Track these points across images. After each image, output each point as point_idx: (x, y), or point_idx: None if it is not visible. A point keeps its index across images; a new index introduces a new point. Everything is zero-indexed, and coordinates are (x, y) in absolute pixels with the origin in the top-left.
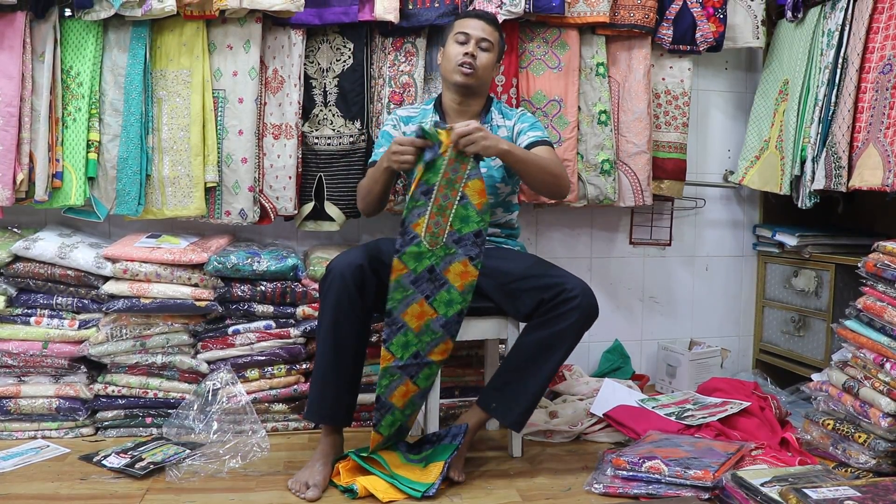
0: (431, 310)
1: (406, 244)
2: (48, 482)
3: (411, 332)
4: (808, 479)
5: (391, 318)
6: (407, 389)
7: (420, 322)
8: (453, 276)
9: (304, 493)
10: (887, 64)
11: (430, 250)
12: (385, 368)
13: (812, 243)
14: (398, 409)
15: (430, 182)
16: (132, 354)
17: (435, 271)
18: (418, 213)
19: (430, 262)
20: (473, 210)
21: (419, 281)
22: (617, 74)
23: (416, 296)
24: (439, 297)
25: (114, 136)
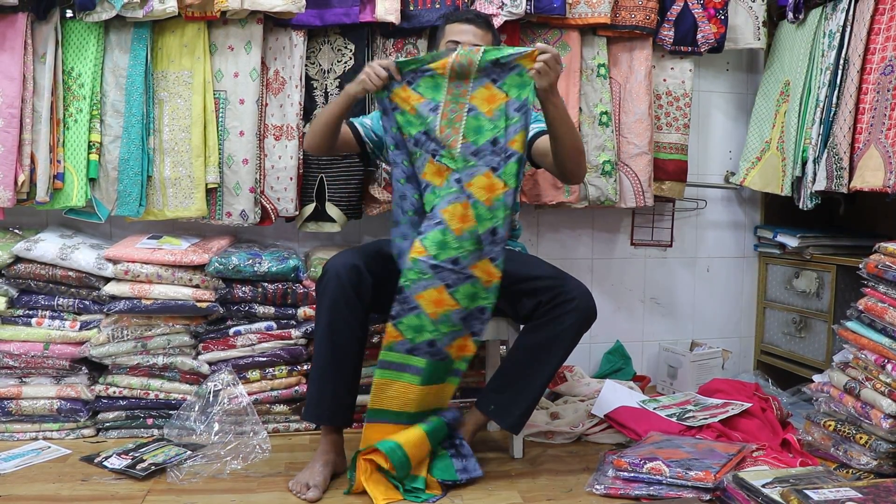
0: (452, 300)
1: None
2: (49, 483)
3: (426, 316)
4: (809, 480)
5: (402, 297)
6: (441, 299)
7: (437, 310)
8: (479, 271)
9: (304, 493)
10: (888, 65)
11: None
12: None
13: (813, 244)
14: (427, 315)
15: (436, 99)
16: (133, 355)
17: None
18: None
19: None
20: (485, 119)
21: (439, 268)
22: (618, 75)
23: (434, 282)
24: (462, 290)
25: (115, 138)
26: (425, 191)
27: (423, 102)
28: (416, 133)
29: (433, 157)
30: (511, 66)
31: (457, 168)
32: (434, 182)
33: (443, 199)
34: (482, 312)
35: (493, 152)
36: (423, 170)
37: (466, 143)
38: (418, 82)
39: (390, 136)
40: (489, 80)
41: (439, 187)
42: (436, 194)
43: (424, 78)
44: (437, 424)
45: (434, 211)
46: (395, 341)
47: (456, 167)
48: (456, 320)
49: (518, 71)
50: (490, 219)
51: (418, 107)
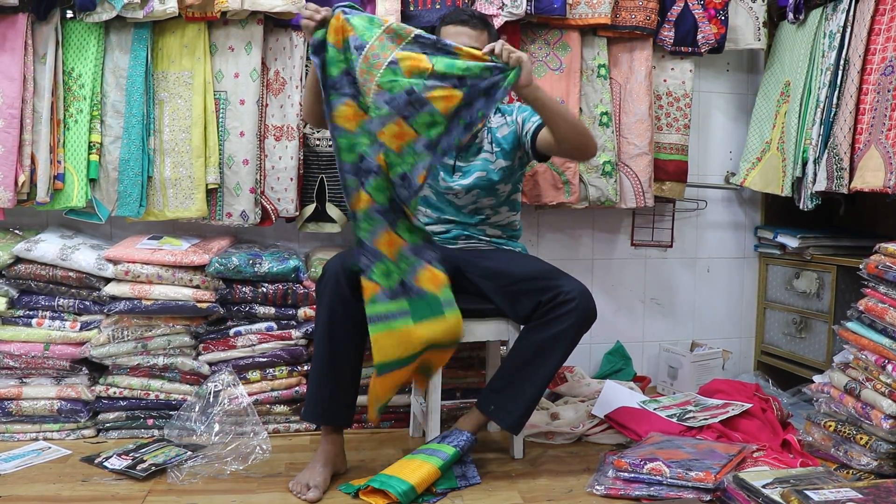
0: (399, 238)
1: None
2: (50, 484)
3: (388, 259)
4: (809, 480)
5: (364, 249)
6: (391, 239)
7: (392, 250)
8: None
9: (304, 494)
10: (889, 65)
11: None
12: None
13: (813, 245)
14: (388, 257)
15: (365, 39)
16: (133, 356)
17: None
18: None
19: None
20: (402, 76)
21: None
22: (618, 76)
23: (383, 224)
24: (400, 224)
25: (115, 138)
26: (338, 134)
27: (352, 36)
28: (336, 74)
29: (353, 99)
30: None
31: (370, 117)
32: (347, 126)
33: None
34: (424, 247)
35: (408, 103)
36: (336, 111)
37: (381, 91)
38: (353, 15)
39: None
40: (421, 52)
41: (352, 132)
42: (349, 139)
43: (361, 16)
44: (453, 457)
45: (369, 160)
46: (374, 293)
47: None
48: (409, 254)
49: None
50: (399, 164)
51: (348, 38)
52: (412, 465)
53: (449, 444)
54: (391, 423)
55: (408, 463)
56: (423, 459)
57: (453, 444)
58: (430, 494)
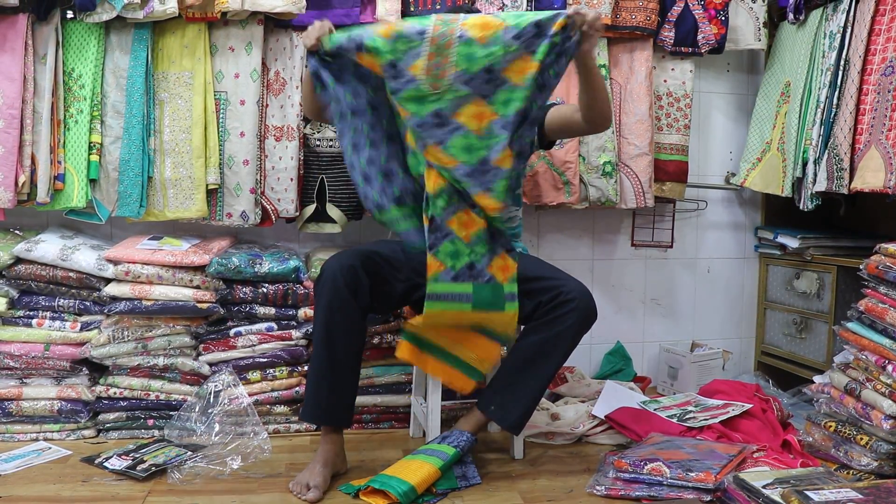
0: (479, 218)
1: (401, 87)
2: (50, 484)
3: (460, 240)
4: (809, 481)
5: (434, 225)
6: (470, 219)
7: (469, 231)
8: (462, 224)
9: (304, 494)
10: (889, 66)
11: (433, 92)
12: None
13: (814, 245)
14: (460, 238)
15: (423, 23)
16: (134, 356)
17: (441, 115)
18: (414, 55)
19: (435, 105)
20: (478, 46)
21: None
22: (619, 76)
23: (461, 204)
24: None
25: (115, 138)
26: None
27: (408, 26)
28: (384, 62)
29: (394, 93)
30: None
31: (440, 101)
32: (412, 110)
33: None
34: (501, 232)
35: (486, 81)
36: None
37: (458, 71)
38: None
39: (343, 104)
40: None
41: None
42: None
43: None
44: (453, 457)
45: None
46: (438, 272)
47: (439, 102)
48: (486, 238)
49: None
50: (481, 148)
51: (403, 30)
52: (412, 465)
53: (449, 444)
54: (391, 424)
55: (408, 463)
56: (424, 460)
57: (454, 445)
58: (430, 495)
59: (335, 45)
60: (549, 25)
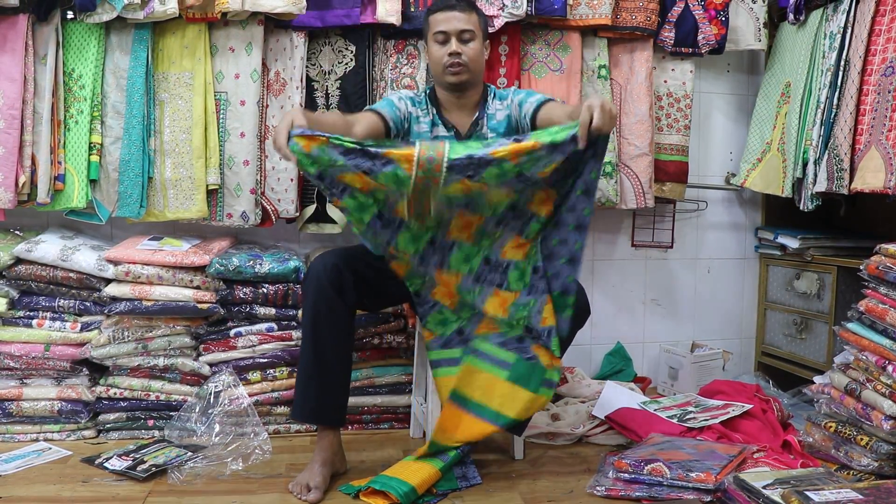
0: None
1: (395, 234)
2: (50, 484)
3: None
4: (810, 481)
5: (419, 299)
6: (447, 279)
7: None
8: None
9: (305, 495)
10: (889, 66)
11: (422, 227)
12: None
13: (814, 246)
14: (446, 305)
15: (403, 189)
16: (134, 357)
17: (436, 241)
18: (395, 200)
19: (429, 235)
20: (468, 246)
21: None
22: (619, 77)
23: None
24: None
25: (116, 139)
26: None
27: (386, 189)
28: (368, 220)
29: (388, 244)
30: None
31: (430, 232)
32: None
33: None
34: (485, 269)
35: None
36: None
37: (438, 204)
38: (377, 174)
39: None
40: (463, 177)
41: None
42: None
43: (385, 171)
44: (453, 458)
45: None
46: (428, 341)
47: (428, 232)
48: (471, 287)
49: (497, 164)
50: (477, 252)
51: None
52: (413, 466)
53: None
54: (391, 424)
55: (409, 464)
56: (424, 460)
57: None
58: (430, 495)
59: (312, 174)
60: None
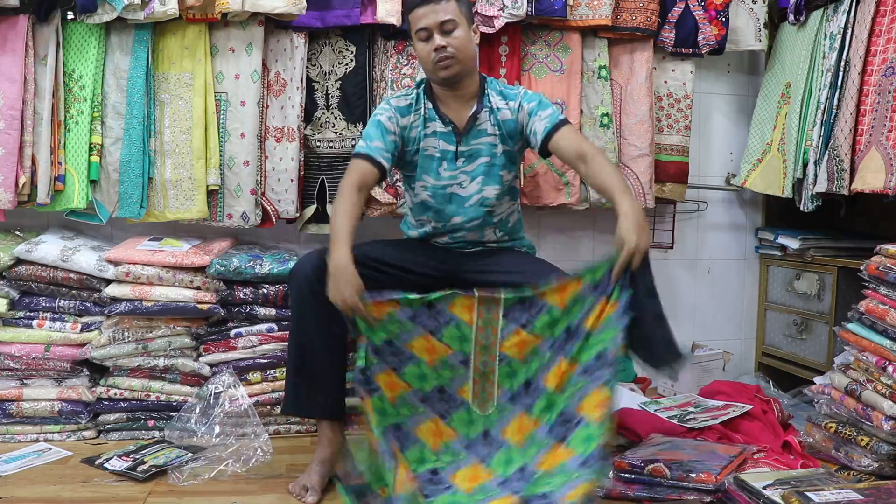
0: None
1: (452, 409)
2: (50, 485)
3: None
4: (810, 482)
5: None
6: (438, 428)
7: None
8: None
9: (304, 497)
10: (889, 67)
11: (481, 415)
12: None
13: (814, 246)
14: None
15: (466, 351)
16: (134, 357)
17: (489, 435)
18: (461, 380)
19: (484, 426)
20: (518, 364)
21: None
22: (619, 77)
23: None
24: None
25: (116, 139)
26: (412, 445)
27: (451, 354)
28: (429, 390)
29: (441, 418)
30: (538, 305)
31: (488, 423)
32: (427, 442)
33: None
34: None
35: (526, 395)
36: (416, 426)
37: (503, 391)
38: (442, 332)
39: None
40: (518, 326)
41: (433, 450)
42: (426, 457)
43: (449, 327)
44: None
45: (443, 475)
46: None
47: (486, 423)
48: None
49: (547, 310)
50: (521, 459)
51: (447, 357)
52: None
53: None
54: None
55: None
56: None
57: None
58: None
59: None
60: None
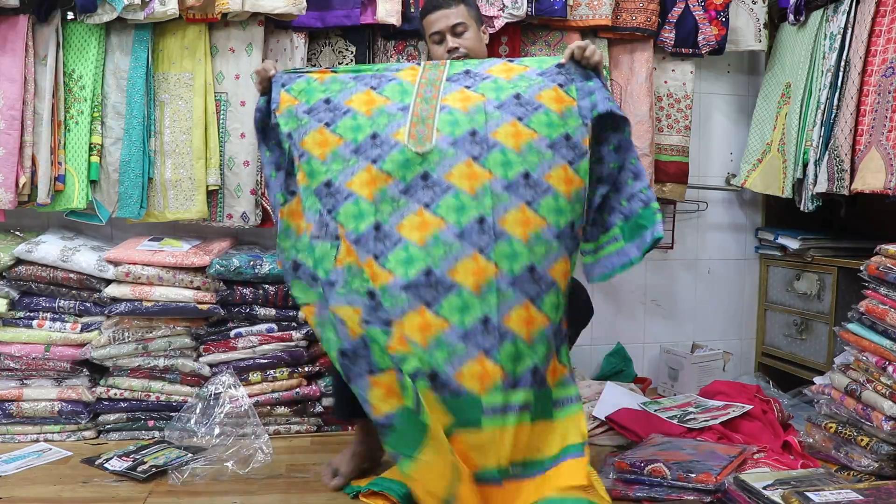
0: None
1: (385, 153)
2: (50, 485)
3: (414, 246)
4: (810, 482)
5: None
6: (424, 321)
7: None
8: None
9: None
10: (889, 67)
11: (418, 155)
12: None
13: (814, 246)
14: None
15: (405, 101)
16: (134, 357)
17: (430, 177)
18: (397, 125)
19: (422, 167)
20: (460, 113)
21: (411, 188)
22: (619, 77)
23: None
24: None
25: (116, 139)
26: (343, 202)
27: (390, 104)
28: (361, 139)
29: (374, 163)
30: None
31: (426, 164)
32: (362, 193)
33: (395, 213)
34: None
35: (472, 143)
36: (348, 180)
37: (442, 135)
38: (384, 87)
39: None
40: (462, 86)
41: (368, 200)
42: (364, 210)
43: (392, 84)
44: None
45: (388, 228)
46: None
47: (424, 164)
48: (549, 335)
49: (492, 79)
50: (475, 207)
51: (384, 107)
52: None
53: None
54: None
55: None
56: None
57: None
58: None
59: (311, 103)
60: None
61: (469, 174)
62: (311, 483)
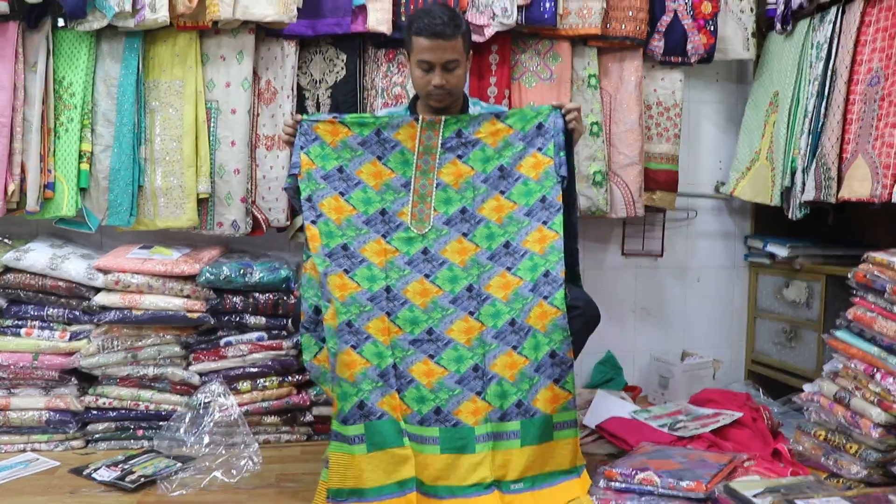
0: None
1: (392, 230)
2: (37, 496)
3: (418, 308)
4: (799, 489)
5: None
6: (429, 369)
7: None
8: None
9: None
10: (874, 76)
11: (419, 235)
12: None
13: (803, 254)
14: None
15: (407, 175)
16: (123, 366)
17: (429, 252)
18: (401, 203)
19: (422, 244)
20: (452, 191)
21: (414, 261)
22: (609, 86)
23: (415, 274)
24: (441, 275)
25: (106, 147)
26: (359, 265)
27: (394, 177)
28: (372, 212)
29: (384, 237)
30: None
31: (426, 242)
32: (374, 260)
33: (402, 279)
34: (552, 356)
35: (462, 220)
36: (362, 247)
37: (438, 214)
38: (388, 157)
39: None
40: (455, 157)
41: (380, 267)
42: (376, 274)
43: (395, 153)
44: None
45: (396, 291)
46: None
47: (424, 241)
48: (530, 373)
49: (480, 147)
50: (465, 278)
51: (390, 181)
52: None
53: None
54: None
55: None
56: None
57: None
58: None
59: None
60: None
61: (460, 249)
62: (301, 492)
